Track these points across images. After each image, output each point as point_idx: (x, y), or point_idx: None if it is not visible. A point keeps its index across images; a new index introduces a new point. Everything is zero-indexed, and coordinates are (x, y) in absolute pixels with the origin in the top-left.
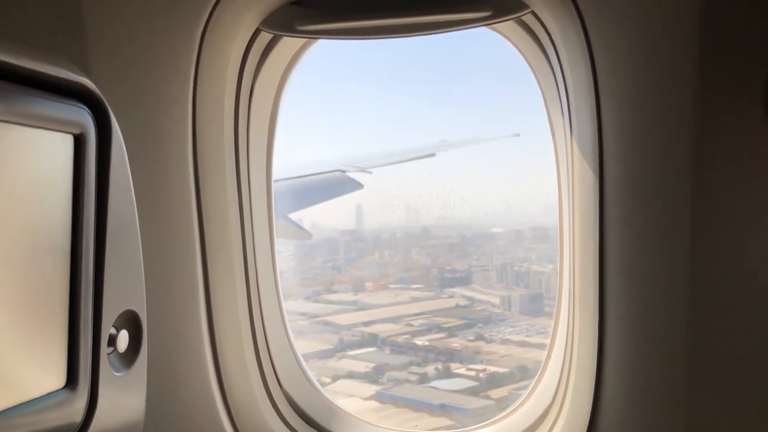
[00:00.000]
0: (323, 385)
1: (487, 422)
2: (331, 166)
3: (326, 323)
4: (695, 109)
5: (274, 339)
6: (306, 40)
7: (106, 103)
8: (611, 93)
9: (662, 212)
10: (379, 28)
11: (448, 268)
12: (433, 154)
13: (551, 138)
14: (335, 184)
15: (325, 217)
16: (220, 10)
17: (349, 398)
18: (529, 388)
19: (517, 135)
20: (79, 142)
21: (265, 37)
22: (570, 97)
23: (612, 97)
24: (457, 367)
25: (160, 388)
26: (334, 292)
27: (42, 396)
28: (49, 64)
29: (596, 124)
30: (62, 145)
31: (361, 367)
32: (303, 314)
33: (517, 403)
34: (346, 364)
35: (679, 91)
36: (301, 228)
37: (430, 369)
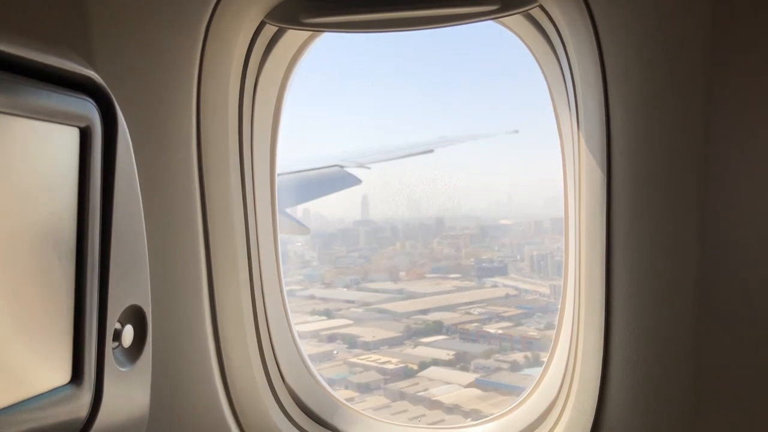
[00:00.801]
0: (412, 372)
1: (491, 417)
2: (329, 161)
3: (382, 311)
4: (706, 105)
5: (277, 334)
6: (311, 33)
7: (112, 96)
8: (620, 87)
9: (671, 209)
10: (386, 22)
11: (485, 257)
12: (431, 150)
13: (557, 133)
14: (333, 179)
15: (332, 208)
16: (225, 3)
17: (446, 385)
18: (534, 383)
19: (516, 131)
20: (85, 135)
21: (270, 29)
22: (577, 91)
23: (621, 91)
24: (544, 356)
25: (164, 383)
26: (372, 280)
27: (47, 391)
28: (55, 57)
29: (604, 118)
30: (68, 138)
31: (442, 354)
32: (351, 302)
33: (522, 398)
34: (422, 351)
35: (691, 86)
36: (300, 223)
37: (517, 357)
